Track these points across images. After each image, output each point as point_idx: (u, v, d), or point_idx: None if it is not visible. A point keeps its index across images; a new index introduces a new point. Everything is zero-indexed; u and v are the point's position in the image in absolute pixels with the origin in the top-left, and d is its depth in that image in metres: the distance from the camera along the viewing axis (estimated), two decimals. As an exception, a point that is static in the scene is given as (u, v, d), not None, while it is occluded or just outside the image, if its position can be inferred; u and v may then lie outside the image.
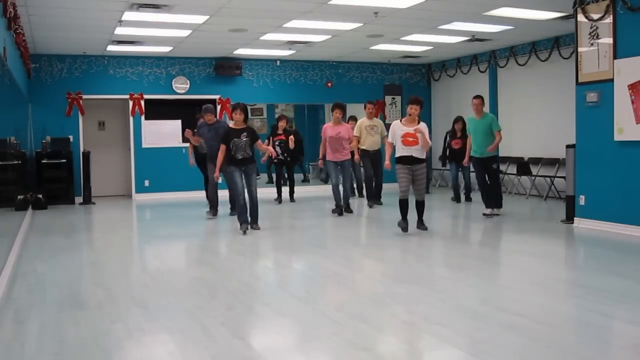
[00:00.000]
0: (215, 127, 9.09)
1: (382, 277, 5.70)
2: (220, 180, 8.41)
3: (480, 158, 9.24)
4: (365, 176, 10.96)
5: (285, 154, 11.32)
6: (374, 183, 10.84)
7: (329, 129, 9.72)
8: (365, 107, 10.83)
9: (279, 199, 11.55)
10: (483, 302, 4.67)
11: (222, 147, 7.94)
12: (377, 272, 6.00)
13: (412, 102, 7.65)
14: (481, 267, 6.20)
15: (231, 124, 8.29)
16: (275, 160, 11.37)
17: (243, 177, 7.98)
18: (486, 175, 9.32)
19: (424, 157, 7.64)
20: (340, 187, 9.83)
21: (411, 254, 6.81)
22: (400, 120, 7.75)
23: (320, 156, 9.90)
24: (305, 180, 15.74)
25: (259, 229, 8.09)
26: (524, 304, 4.58)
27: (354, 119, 11.73)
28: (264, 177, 14.26)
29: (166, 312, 4.60)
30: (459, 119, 11.45)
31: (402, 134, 7.56)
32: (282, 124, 11.43)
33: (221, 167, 8.08)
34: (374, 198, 10.81)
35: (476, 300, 4.68)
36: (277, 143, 11.24)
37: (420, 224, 7.87)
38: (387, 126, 14.79)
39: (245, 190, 8.02)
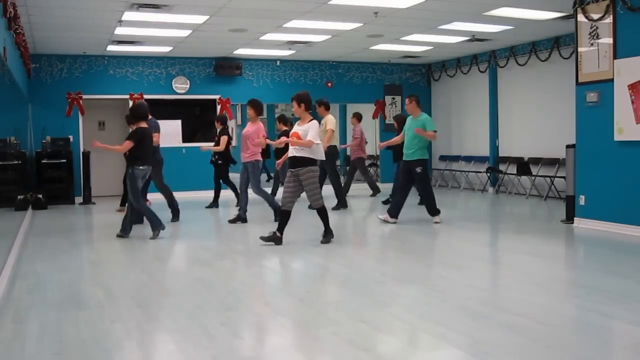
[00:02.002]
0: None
1: (382, 277, 5.70)
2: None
3: (406, 161, 8.56)
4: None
5: (217, 156, 10.75)
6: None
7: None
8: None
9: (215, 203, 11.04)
10: (483, 302, 4.67)
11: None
12: (377, 272, 6.00)
13: (292, 98, 7.19)
14: (481, 267, 6.21)
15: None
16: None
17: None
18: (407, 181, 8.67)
19: (307, 156, 6.88)
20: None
21: (411, 254, 6.81)
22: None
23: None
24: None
25: (121, 236, 7.80)
26: (524, 304, 4.58)
27: (282, 119, 11.61)
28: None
29: (166, 312, 4.61)
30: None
31: (291, 134, 7.16)
32: (217, 126, 10.78)
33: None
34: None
35: (476, 300, 4.68)
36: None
37: (326, 234, 7.17)
38: (390, 125, 14.76)
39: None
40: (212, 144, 10.76)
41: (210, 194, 11.18)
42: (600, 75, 7.77)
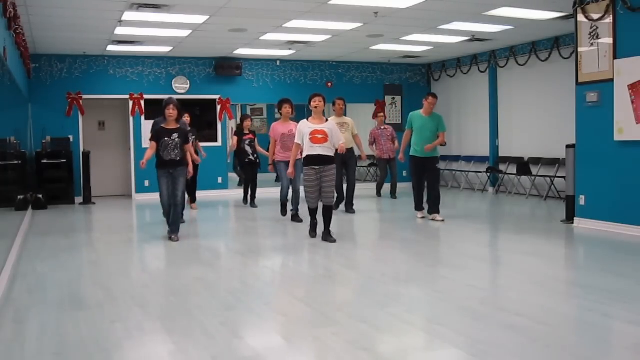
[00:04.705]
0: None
1: (382, 277, 5.70)
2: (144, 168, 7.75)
3: (422, 157, 8.79)
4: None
5: (256, 155, 10.90)
6: (345, 186, 9.98)
7: (280, 126, 8.92)
8: (333, 104, 10.15)
9: (246, 201, 11.16)
10: (483, 302, 4.67)
11: (152, 144, 7.40)
12: (377, 272, 6.00)
13: (316, 95, 7.37)
14: (481, 267, 6.20)
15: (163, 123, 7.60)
16: (247, 161, 10.96)
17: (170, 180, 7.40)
18: (424, 177, 8.93)
19: (332, 155, 7.19)
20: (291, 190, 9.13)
21: (411, 254, 6.81)
22: (307, 119, 7.34)
23: (271, 160, 9.12)
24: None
25: (177, 240, 7.51)
26: (524, 304, 4.58)
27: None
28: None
29: (166, 312, 4.60)
30: None
31: (309, 132, 7.14)
32: (247, 124, 10.96)
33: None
34: (348, 204, 9.94)
35: (476, 300, 4.68)
36: (247, 142, 10.90)
37: (327, 235, 7.26)
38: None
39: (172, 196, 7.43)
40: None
41: (209, 194, 11.22)
42: (600, 75, 7.77)
